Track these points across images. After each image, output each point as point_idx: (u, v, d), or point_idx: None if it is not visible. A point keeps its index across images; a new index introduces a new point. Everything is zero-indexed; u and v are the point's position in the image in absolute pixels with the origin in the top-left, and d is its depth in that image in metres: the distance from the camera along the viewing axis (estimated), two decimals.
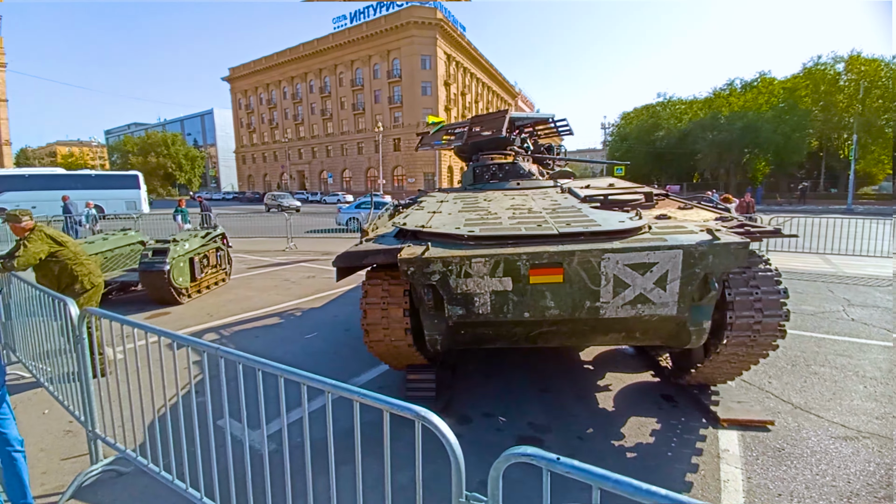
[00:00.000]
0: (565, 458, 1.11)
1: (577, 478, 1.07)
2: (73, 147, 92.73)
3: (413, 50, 53.02)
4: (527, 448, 1.18)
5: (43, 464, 2.84)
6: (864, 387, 3.83)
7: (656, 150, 47.60)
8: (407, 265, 2.75)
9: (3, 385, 2.18)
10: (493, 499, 1.23)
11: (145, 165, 59.61)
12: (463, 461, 1.30)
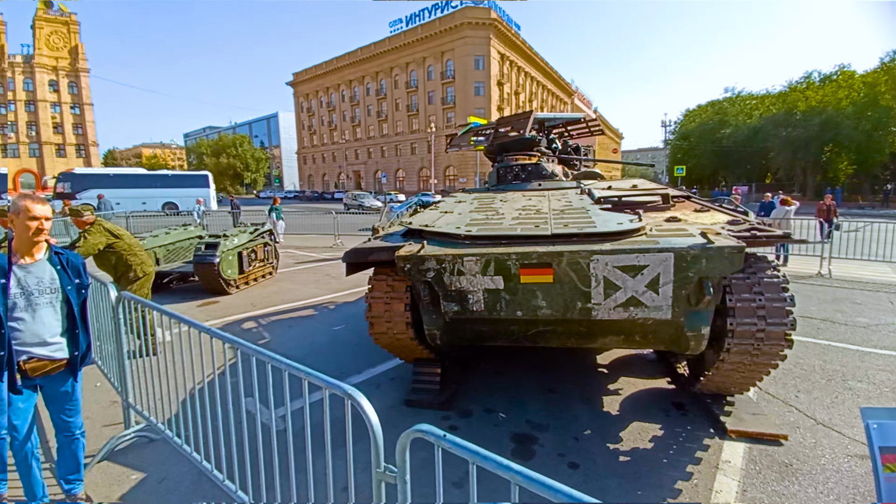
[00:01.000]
0: (451, 436, 1.23)
1: (456, 453, 1.19)
2: (156, 149, 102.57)
3: (466, 50, 53.31)
4: (423, 425, 1.32)
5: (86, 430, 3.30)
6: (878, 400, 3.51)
7: (722, 149, 44.50)
8: (404, 262, 2.92)
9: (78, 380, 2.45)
10: (401, 469, 1.37)
11: (217, 166, 64.62)
12: (381, 437, 1.45)
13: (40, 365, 2.25)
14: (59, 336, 2.29)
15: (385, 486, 1.45)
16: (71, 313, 2.32)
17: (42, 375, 2.28)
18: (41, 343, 2.24)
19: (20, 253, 2.24)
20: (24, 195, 2.29)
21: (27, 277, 2.21)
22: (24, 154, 56.66)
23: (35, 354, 2.24)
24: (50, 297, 2.26)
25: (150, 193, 25.88)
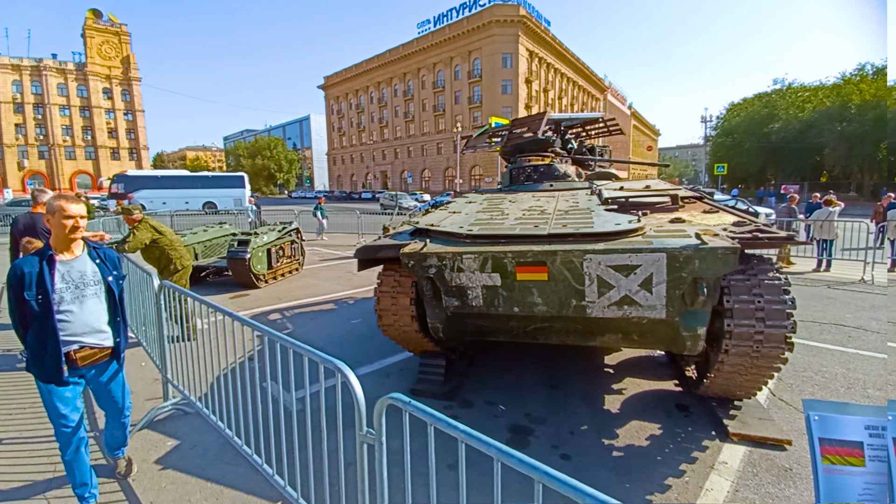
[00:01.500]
0: (415, 402, 1.39)
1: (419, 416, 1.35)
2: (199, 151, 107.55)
3: (494, 49, 53.14)
4: (394, 394, 1.50)
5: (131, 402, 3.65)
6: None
7: (770, 145, 42.31)
8: (408, 259, 3.08)
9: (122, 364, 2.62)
10: (378, 431, 1.56)
11: (253, 167, 67.11)
12: (364, 404, 1.62)
13: (91, 353, 2.38)
14: (106, 325, 2.43)
15: (367, 447, 1.63)
16: (113, 303, 2.46)
17: (90, 364, 2.39)
18: (92, 332, 2.37)
19: (58, 250, 2.33)
20: (59, 196, 2.38)
21: (70, 272, 2.32)
22: (81, 157, 60.63)
23: (86, 343, 2.36)
24: (95, 289, 2.39)
25: (192, 193, 27.24)
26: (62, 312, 2.27)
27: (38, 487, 2.63)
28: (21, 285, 2.21)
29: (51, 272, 2.25)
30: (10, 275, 2.26)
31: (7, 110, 54.63)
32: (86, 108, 60.33)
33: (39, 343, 2.24)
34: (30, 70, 56.22)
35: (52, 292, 2.22)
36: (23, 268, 2.22)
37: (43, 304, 2.20)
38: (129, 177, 28.39)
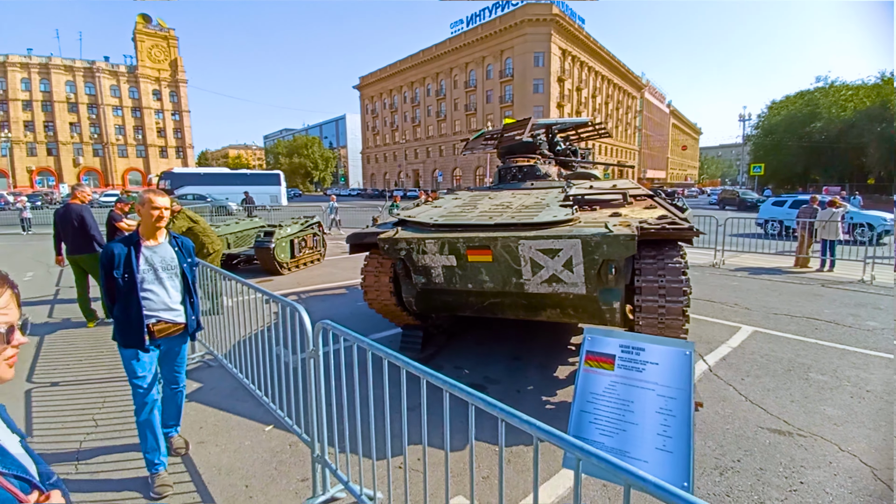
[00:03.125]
0: (339, 326, 2.08)
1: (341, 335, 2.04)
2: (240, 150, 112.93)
3: (526, 48, 53.14)
4: (326, 321, 2.18)
5: None
6: (850, 396, 3.76)
7: (813, 145, 40.43)
8: (383, 243, 3.79)
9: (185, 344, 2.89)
10: (315, 346, 2.26)
11: (290, 165, 69.88)
12: (311, 330, 2.32)
13: (166, 327, 2.67)
14: (179, 304, 2.73)
15: (312, 361, 2.34)
16: (186, 286, 2.77)
17: (165, 336, 2.69)
18: (168, 308, 2.66)
19: (145, 236, 2.63)
20: (148, 189, 2.69)
21: (153, 256, 2.62)
22: (132, 154, 65.25)
23: (163, 318, 2.64)
24: (171, 273, 2.68)
25: (232, 189, 29.13)
26: (144, 290, 2.57)
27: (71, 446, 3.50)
28: (111, 264, 2.52)
29: (136, 255, 2.56)
30: (102, 255, 2.59)
31: (61, 109, 59.09)
32: (137, 108, 64.74)
33: (125, 315, 2.55)
34: (83, 72, 60.68)
35: (136, 272, 2.53)
36: (114, 250, 2.54)
37: (128, 282, 2.52)
38: (175, 174, 30.78)
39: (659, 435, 1.48)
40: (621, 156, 74.35)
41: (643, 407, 1.55)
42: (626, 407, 1.57)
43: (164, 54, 66.69)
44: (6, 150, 49.20)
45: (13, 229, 17.35)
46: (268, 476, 2.71)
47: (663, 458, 1.44)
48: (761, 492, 2.57)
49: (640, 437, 1.50)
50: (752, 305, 6.54)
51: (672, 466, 1.42)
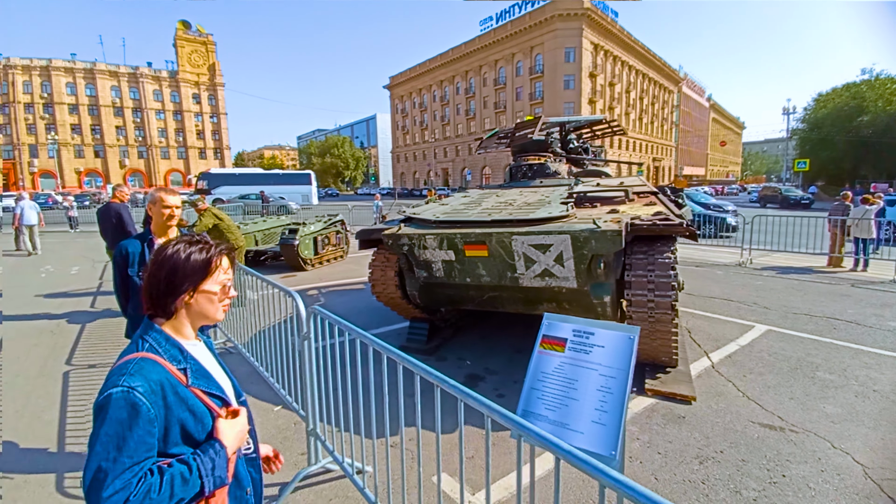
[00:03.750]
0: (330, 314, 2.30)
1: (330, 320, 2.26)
2: (275, 150, 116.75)
3: (556, 44, 52.42)
4: (316, 306, 2.40)
5: None
6: (855, 395, 3.69)
7: (860, 140, 38.06)
8: (387, 239, 4.01)
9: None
10: (308, 330, 2.49)
11: (322, 165, 71.70)
12: (305, 316, 2.56)
13: None
14: None
15: (307, 343, 2.58)
16: None
17: None
18: None
19: (157, 234, 2.65)
20: (159, 188, 2.75)
21: None
22: (174, 156, 68.69)
23: None
24: None
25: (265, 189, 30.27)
26: None
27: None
28: (126, 262, 2.56)
29: (150, 252, 2.46)
30: (116, 253, 2.62)
31: (107, 113, 62.64)
32: (178, 111, 68.04)
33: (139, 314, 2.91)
34: (127, 77, 64.08)
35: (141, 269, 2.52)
36: (128, 247, 2.58)
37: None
38: (211, 174, 32.31)
39: (596, 409, 1.62)
40: (656, 152, 72.09)
41: (586, 385, 1.69)
42: (570, 385, 1.72)
43: (203, 59, 69.78)
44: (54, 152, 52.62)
45: (62, 227, 18.68)
46: None
47: (597, 429, 1.58)
48: (738, 482, 2.63)
49: (580, 412, 1.64)
50: (772, 305, 6.38)
51: (604, 437, 1.56)
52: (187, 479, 0.99)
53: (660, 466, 2.78)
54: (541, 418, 1.70)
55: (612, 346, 1.74)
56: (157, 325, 1.14)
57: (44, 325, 5.75)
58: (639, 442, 3.04)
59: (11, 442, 3.12)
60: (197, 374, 1.13)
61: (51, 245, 14.07)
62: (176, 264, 1.14)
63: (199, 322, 1.22)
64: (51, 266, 10.18)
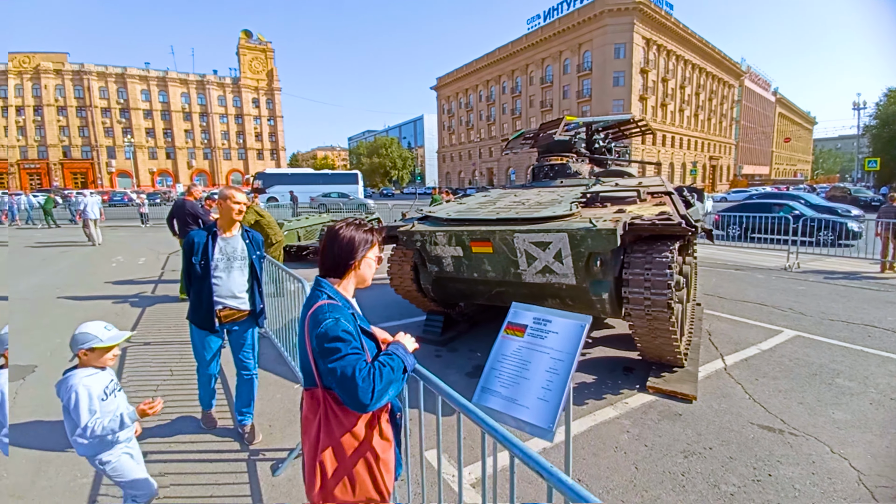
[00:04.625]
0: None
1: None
2: (327, 151, 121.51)
3: (606, 40, 50.94)
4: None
5: None
6: (870, 403, 3.55)
7: None
8: (401, 235, 4.31)
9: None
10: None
11: (371, 165, 73.78)
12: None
13: (231, 313, 2.90)
14: (245, 292, 2.93)
15: None
16: (253, 276, 2.97)
17: (231, 322, 2.93)
18: (233, 296, 2.88)
19: (222, 229, 2.85)
20: (229, 187, 2.94)
21: (226, 247, 2.84)
22: (234, 157, 73.33)
23: (227, 305, 2.87)
24: (240, 263, 2.88)
25: (315, 189, 31.85)
26: (215, 278, 2.80)
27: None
28: (191, 251, 2.78)
29: (213, 244, 2.81)
30: (185, 242, 2.86)
31: (177, 118, 67.97)
32: (239, 115, 72.59)
33: (199, 298, 2.82)
34: (195, 84, 69.21)
35: (211, 259, 2.78)
36: (195, 238, 2.80)
37: (204, 268, 2.78)
38: (266, 174, 34.41)
39: (542, 388, 1.81)
40: (713, 150, 68.08)
41: (537, 366, 1.88)
42: (524, 366, 1.91)
43: (262, 65, 73.99)
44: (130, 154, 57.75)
45: (134, 222, 20.95)
46: (287, 420, 3.38)
47: (541, 405, 1.77)
48: (719, 476, 2.68)
49: (528, 389, 1.84)
50: (809, 310, 6.08)
51: (544, 412, 1.75)
52: (394, 360, 1.43)
53: (643, 457, 2.87)
54: (495, 394, 1.91)
55: (565, 333, 1.92)
56: (329, 283, 1.54)
57: (111, 307, 6.59)
58: (628, 434, 3.14)
59: None
60: (358, 317, 1.53)
61: (123, 238, 15.71)
62: (353, 237, 1.55)
63: (359, 283, 1.63)
64: (121, 257, 11.41)
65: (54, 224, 19.22)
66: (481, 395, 1.96)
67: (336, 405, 1.45)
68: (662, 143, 56.96)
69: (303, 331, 1.48)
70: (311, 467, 1.45)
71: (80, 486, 2.67)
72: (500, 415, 1.86)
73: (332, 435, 1.45)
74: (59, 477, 2.74)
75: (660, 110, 56.57)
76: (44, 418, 3.40)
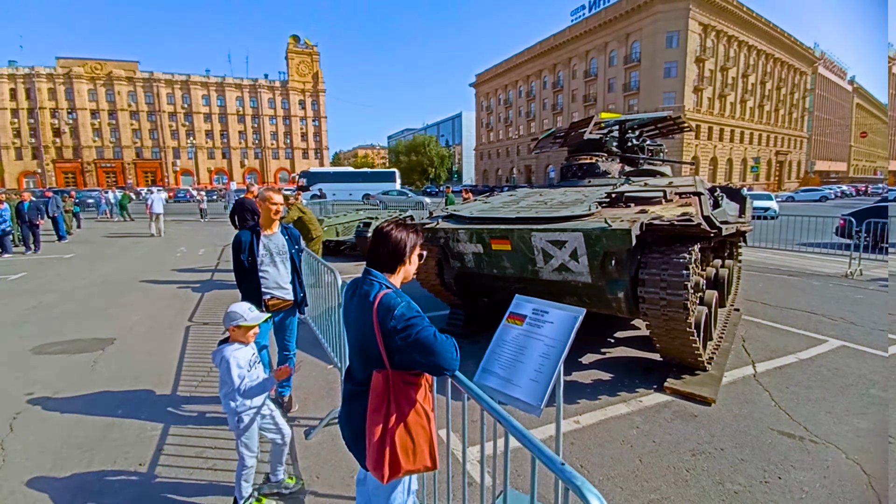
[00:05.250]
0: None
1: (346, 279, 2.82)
2: (367, 150, 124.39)
3: (656, 28, 48.77)
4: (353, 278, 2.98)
5: None
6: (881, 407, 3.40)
7: None
8: (426, 232, 4.52)
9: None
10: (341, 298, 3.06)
11: (409, 163, 74.84)
12: (341, 284, 3.14)
13: (277, 302, 3.20)
14: (288, 283, 3.22)
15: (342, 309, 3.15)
16: (293, 268, 3.26)
17: (277, 310, 3.23)
18: (279, 287, 3.16)
19: (264, 227, 3.13)
20: (268, 188, 3.16)
21: (269, 243, 3.10)
22: (282, 156, 76.80)
23: (275, 295, 3.16)
24: (283, 257, 3.15)
25: (354, 186, 32.99)
26: (262, 271, 3.07)
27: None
28: (239, 249, 3.05)
29: (257, 242, 3.08)
30: (233, 241, 3.14)
31: (232, 120, 72.40)
32: (286, 117, 75.99)
33: (249, 291, 3.10)
34: (248, 88, 73.28)
35: (257, 255, 3.06)
36: (242, 237, 3.07)
37: (251, 264, 3.05)
38: (310, 173, 36.03)
39: (535, 370, 1.96)
40: (781, 144, 63.48)
41: (532, 352, 2.03)
42: (521, 351, 2.07)
43: (308, 68, 76.89)
44: (192, 154, 61.99)
45: (194, 216, 22.99)
46: (319, 395, 3.74)
47: (532, 385, 1.93)
48: (726, 476, 2.70)
49: (522, 371, 2.00)
50: (861, 320, 5.74)
51: (535, 391, 1.90)
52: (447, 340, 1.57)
53: (649, 451, 2.94)
54: (493, 374, 2.08)
55: (559, 323, 2.05)
56: (384, 275, 1.69)
57: (175, 291, 7.33)
58: (637, 430, 3.19)
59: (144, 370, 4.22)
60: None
61: (185, 231, 17.08)
62: (403, 238, 1.70)
63: (405, 278, 1.78)
64: (184, 248, 12.68)
65: (129, 218, 21.25)
66: (481, 375, 2.15)
67: (403, 384, 1.60)
68: (720, 138, 53.85)
69: (366, 318, 1.60)
70: (382, 442, 1.55)
71: (149, 437, 3.11)
72: (496, 392, 2.04)
73: (401, 411, 1.58)
74: (129, 431, 3.19)
75: (717, 102, 53.42)
76: (115, 388, 3.90)
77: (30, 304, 6.65)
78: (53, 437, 3.15)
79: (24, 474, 2.73)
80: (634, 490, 2.58)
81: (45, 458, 2.92)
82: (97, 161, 64.91)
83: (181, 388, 3.94)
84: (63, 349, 4.85)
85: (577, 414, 3.42)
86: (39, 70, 61.00)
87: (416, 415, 1.61)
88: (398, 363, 1.58)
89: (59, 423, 3.35)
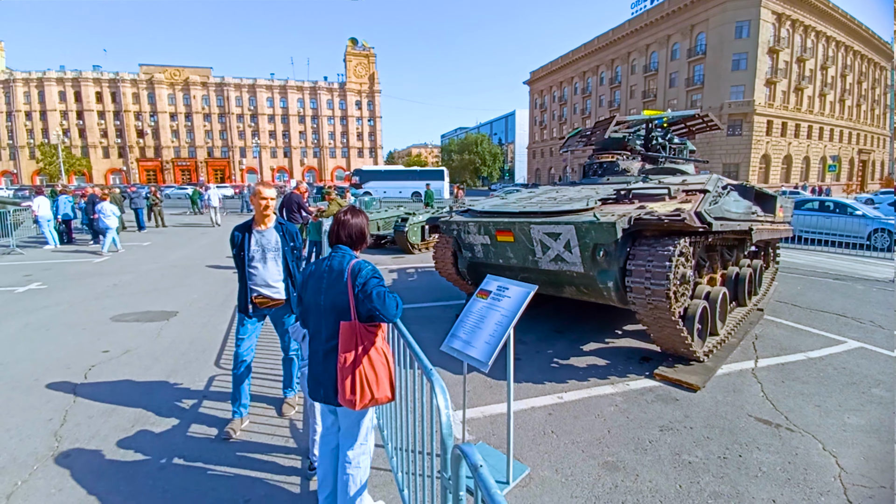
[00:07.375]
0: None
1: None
2: (421, 149, 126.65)
3: (725, 18, 45.79)
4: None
5: None
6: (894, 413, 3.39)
7: None
8: (441, 224, 4.99)
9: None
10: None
11: (461, 162, 75.54)
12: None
13: (264, 300, 3.07)
14: (279, 282, 3.06)
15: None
16: (286, 267, 3.09)
17: (266, 308, 3.11)
18: (266, 285, 3.03)
19: (257, 222, 3.04)
20: (259, 183, 3.08)
21: (261, 239, 3.00)
22: (339, 155, 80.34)
23: (262, 293, 3.03)
24: (274, 254, 3.02)
25: (404, 184, 34.12)
26: (252, 268, 2.99)
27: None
28: (232, 244, 3.05)
29: (249, 237, 3.01)
30: (230, 237, 3.11)
31: (294, 121, 76.84)
32: (343, 117, 79.41)
33: (240, 285, 3.07)
34: (308, 90, 77.43)
35: (247, 252, 2.98)
36: (235, 232, 3.05)
37: (241, 260, 3.01)
38: (362, 171, 37.63)
39: (489, 335, 2.37)
40: (863, 142, 57.51)
41: (490, 320, 2.44)
42: (482, 320, 2.47)
43: (365, 69, 79.83)
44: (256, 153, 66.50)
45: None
46: None
47: (484, 346, 2.34)
48: (687, 449, 2.93)
49: (480, 335, 2.40)
50: (890, 324, 5.51)
51: (486, 351, 2.31)
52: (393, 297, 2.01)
53: (620, 425, 3.21)
54: (458, 338, 2.51)
55: (515, 298, 2.45)
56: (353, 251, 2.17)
57: (229, 275, 8.30)
58: (615, 408, 3.47)
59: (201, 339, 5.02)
60: None
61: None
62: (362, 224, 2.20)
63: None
64: None
65: (199, 212, 23.58)
66: (450, 339, 2.60)
67: (366, 331, 2.01)
68: (795, 134, 49.65)
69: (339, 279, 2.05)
70: (352, 376, 1.96)
71: (198, 383, 3.82)
72: (458, 352, 2.47)
73: (366, 348, 2.00)
74: (182, 377, 3.93)
75: (793, 95, 49.26)
76: (175, 350, 4.72)
77: (111, 283, 7.87)
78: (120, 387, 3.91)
79: (91, 411, 3.44)
80: (594, 453, 2.89)
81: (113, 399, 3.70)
82: (174, 160, 71.49)
83: (225, 353, 4.67)
84: (136, 318, 5.82)
85: (562, 391, 3.74)
86: (124, 76, 68.02)
87: (378, 353, 2.06)
88: (362, 314, 2.03)
89: (127, 373, 4.15)
